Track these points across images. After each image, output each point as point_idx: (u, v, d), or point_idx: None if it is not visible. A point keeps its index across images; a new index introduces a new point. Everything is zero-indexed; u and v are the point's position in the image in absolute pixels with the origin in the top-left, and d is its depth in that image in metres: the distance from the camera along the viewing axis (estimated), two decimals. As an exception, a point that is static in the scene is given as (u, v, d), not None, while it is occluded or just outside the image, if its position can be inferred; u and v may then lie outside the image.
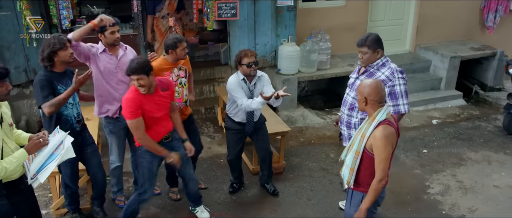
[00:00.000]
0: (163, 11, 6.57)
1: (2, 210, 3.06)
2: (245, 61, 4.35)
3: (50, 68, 3.81)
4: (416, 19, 8.46)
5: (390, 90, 3.85)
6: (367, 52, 3.85)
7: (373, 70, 3.92)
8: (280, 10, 7.05)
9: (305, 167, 5.69)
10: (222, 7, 6.29)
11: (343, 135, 4.24)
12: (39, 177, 3.15)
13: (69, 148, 3.22)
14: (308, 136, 6.54)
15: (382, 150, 3.04)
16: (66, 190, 4.31)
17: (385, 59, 3.92)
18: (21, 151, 3.08)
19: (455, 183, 5.32)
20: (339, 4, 7.84)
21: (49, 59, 3.75)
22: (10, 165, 2.97)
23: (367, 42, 3.83)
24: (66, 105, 3.91)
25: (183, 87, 4.54)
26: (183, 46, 4.31)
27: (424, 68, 8.28)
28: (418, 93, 7.85)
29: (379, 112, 3.10)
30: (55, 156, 3.18)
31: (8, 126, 3.16)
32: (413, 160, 5.87)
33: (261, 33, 7.07)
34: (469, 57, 8.07)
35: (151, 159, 4.03)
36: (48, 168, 3.15)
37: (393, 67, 3.90)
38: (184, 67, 4.54)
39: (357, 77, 4.06)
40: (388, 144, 3.04)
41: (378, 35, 3.92)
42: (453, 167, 5.69)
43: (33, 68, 6.34)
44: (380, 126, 3.07)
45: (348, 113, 4.08)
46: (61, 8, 5.79)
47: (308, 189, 5.21)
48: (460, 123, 7.10)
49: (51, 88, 3.78)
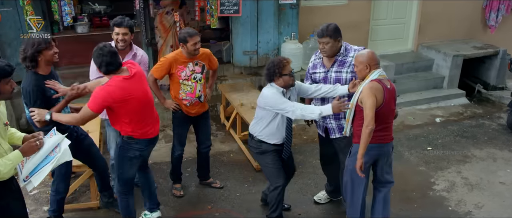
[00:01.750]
0: (168, 7, 6.52)
1: None
2: (286, 71, 3.81)
3: (33, 70, 3.57)
4: (419, 18, 8.43)
5: None
6: (329, 42, 3.93)
7: (342, 58, 4.04)
8: (283, 8, 7.01)
9: (309, 164, 5.65)
10: (224, 3, 6.24)
11: (331, 128, 4.24)
12: (33, 180, 2.99)
13: (66, 150, 3.07)
14: (311, 134, 6.48)
15: (366, 100, 3.54)
16: (55, 195, 4.13)
17: (345, 44, 4.05)
18: (16, 152, 2.95)
19: (460, 180, 5.28)
20: (342, 2, 7.81)
21: (32, 59, 3.51)
22: (4, 168, 2.84)
23: (328, 32, 3.91)
24: None
25: (196, 83, 4.49)
26: (194, 41, 4.26)
27: (427, 67, 8.25)
28: (420, 92, 7.82)
29: (372, 73, 3.62)
30: (50, 159, 3.03)
31: (3, 126, 3.04)
32: (417, 157, 5.82)
33: (263, 31, 7.03)
34: (471, 56, 8.04)
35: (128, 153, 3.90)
36: (42, 171, 2.99)
37: (357, 48, 4.07)
38: (202, 63, 4.50)
39: (328, 71, 4.08)
40: (371, 94, 3.52)
41: (336, 24, 3.99)
42: (458, 164, 5.65)
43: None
44: (371, 82, 3.58)
45: None
46: (63, 4, 5.73)
47: (313, 186, 5.16)
48: (463, 121, 7.07)
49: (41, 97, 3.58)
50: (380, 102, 3.58)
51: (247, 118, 5.37)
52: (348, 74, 4.02)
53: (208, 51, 4.61)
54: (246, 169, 5.48)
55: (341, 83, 4.04)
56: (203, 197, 4.95)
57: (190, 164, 5.46)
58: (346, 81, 4.03)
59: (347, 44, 4.08)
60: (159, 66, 4.44)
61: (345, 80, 4.03)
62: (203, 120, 4.79)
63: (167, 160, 5.57)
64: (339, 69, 4.04)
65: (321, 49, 4.01)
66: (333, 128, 4.23)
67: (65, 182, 4.13)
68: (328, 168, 4.67)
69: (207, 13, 6.71)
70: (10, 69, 2.90)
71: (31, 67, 3.57)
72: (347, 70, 4.02)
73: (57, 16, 5.86)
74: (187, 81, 4.46)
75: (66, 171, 4.08)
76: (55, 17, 5.90)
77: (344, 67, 4.03)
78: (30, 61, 3.53)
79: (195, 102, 4.55)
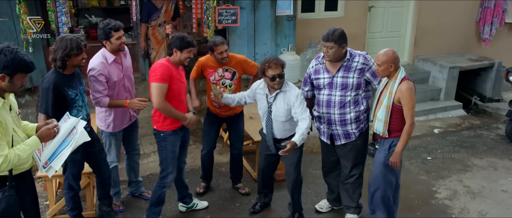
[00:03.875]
0: (160, 19, 6.50)
1: (10, 201, 2.92)
2: (269, 74, 3.89)
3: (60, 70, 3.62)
4: (414, 31, 8.50)
5: (371, 72, 3.99)
6: (333, 47, 3.87)
7: (347, 64, 3.98)
8: (280, 20, 7.02)
9: (309, 174, 5.56)
10: (222, 13, 6.23)
11: (336, 135, 4.17)
12: (53, 165, 3.04)
13: (82, 132, 3.09)
14: (309, 145, 6.41)
15: (409, 100, 3.70)
16: (68, 192, 4.07)
17: (349, 50, 4.00)
18: (34, 138, 2.96)
19: (462, 188, 5.22)
20: (338, 15, 7.87)
21: (62, 63, 3.56)
22: (23, 153, 2.85)
23: (334, 37, 3.85)
24: (76, 107, 3.77)
25: (225, 88, 4.55)
26: (220, 49, 4.33)
27: (423, 79, 8.27)
28: (418, 104, 7.77)
29: (399, 72, 3.75)
30: (68, 142, 3.05)
31: (16, 115, 3.06)
32: (417, 167, 5.77)
33: (261, 43, 7.03)
34: (467, 67, 8.08)
35: (174, 140, 4.07)
36: (62, 155, 3.03)
37: (361, 53, 4.03)
38: (232, 69, 4.52)
39: (334, 76, 4.01)
40: (413, 94, 3.71)
41: (343, 30, 3.94)
42: (459, 173, 5.60)
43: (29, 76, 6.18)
44: (404, 81, 3.72)
45: (340, 111, 4.04)
46: (60, 14, 5.69)
47: (313, 195, 5.07)
48: (462, 131, 7.05)
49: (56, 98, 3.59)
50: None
51: (246, 128, 5.30)
52: (355, 79, 3.94)
53: (241, 58, 4.62)
54: (245, 179, 5.38)
55: (348, 88, 3.96)
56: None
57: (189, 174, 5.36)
58: (352, 86, 3.95)
59: (351, 50, 4.04)
60: (194, 68, 4.66)
61: (351, 85, 3.95)
62: (235, 122, 4.81)
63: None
64: (345, 74, 3.97)
65: (324, 53, 3.96)
66: (339, 135, 4.16)
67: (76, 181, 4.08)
68: (330, 176, 4.59)
69: (204, 25, 6.69)
70: (31, 67, 2.88)
71: (57, 68, 3.61)
72: (353, 75, 3.95)
73: (53, 26, 5.80)
74: (215, 86, 4.55)
75: (78, 170, 4.03)
76: (52, 27, 5.84)
77: (350, 73, 3.96)
78: (58, 62, 3.57)
79: (222, 106, 4.58)
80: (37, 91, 6.45)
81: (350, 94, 3.98)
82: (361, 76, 3.95)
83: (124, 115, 4.35)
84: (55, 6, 5.77)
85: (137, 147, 4.79)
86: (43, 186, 4.97)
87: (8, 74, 2.78)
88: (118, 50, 4.19)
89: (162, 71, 3.81)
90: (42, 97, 3.64)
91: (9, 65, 2.75)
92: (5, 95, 2.92)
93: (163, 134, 4.04)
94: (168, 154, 4.09)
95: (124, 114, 4.34)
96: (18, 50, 2.81)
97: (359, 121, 4.08)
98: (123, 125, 4.38)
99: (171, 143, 4.07)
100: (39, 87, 6.40)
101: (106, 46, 4.11)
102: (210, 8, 6.43)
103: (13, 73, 2.79)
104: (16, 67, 2.78)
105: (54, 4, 5.74)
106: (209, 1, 6.43)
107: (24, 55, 2.83)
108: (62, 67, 3.59)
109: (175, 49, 3.90)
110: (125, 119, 4.38)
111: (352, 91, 3.98)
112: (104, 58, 4.08)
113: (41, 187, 5.00)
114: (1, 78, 2.77)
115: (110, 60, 4.11)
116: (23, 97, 6.33)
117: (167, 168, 4.13)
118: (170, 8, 6.54)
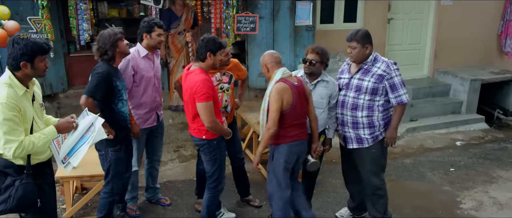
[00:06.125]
0: (180, 27, 6.52)
1: (27, 189, 2.93)
2: (305, 57, 3.99)
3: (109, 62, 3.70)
4: (434, 44, 8.39)
5: (390, 83, 3.88)
6: (357, 47, 3.82)
7: (367, 67, 3.91)
8: (299, 30, 7.00)
9: (328, 183, 5.45)
10: (241, 20, 6.23)
11: (349, 137, 4.09)
12: (72, 161, 3.05)
13: (100, 129, 3.07)
14: (329, 155, 6.27)
15: (273, 102, 3.60)
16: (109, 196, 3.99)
17: (375, 54, 3.92)
18: (51, 127, 2.99)
19: (488, 199, 5.04)
20: (357, 26, 7.80)
21: (112, 55, 3.66)
22: (38, 141, 2.88)
23: (357, 37, 3.81)
24: (121, 100, 3.79)
25: (223, 93, 4.38)
26: (225, 52, 4.22)
27: (444, 92, 8.12)
28: (438, 116, 7.65)
29: (275, 73, 3.68)
30: (86, 139, 3.05)
31: (39, 106, 3.10)
32: (440, 178, 5.61)
33: (279, 53, 6.86)
34: (489, 80, 7.92)
35: (223, 147, 4.05)
36: (80, 151, 3.03)
37: (387, 61, 3.92)
38: (229, 73, 4.42)
39: (351, 77, 3.97)
40: (278, 97, 3.58)
41: (367, 30, 3.90)
42: (484, 184, 5.42)
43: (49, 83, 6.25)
44: (277, 83, 3.61)
45: (351, 113, 4.00)
46: (82, 21, 5.76)
47: (334, 203, 4.95)
48: (485, 144, 6.87)
49: (107, 85, 3.65)
50: (290, 101, 3.63)
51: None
52: (370, 83, 3.87)
53: (236, 61, 4.56)
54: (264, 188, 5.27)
55: (361, 91, 3.90)
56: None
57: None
58: (366, 89, 3.88)
59: (378, 55, 3.96)
60: None
61: (365, 89, 3.88)
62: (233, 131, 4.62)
63: (181, 179, 5.44)
64: (362, 77, 3.92)
65: (348, 54, 3.92)
66: (351, 138, 4.08)
67: (121, 181, 4.04)
68: (352, 184, 4.46)
69: (223, 34, 6.70)
70: (47, 47, 2.94)
71: (108, 60, 3.68)
72: (370, 79, 3.88)
73: (74, 32, 5.87)
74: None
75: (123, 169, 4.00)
76: (73, 33, 5.91)
77: (367, 76, 3.89)
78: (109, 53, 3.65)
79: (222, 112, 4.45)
80: (57, 98, 6.50)
81: (363, 97, 3.91)
82: (379, 83, 3.85)
83: (148, 113, 4.30)
84: (77, 13, 5.85)
85: (158, 153, 4.74)
86: (60, 190, 4.93)
87: (28, 61, 2.85)
88: (154, 48, 4.24)
89: (207, 88, 3.67)
90: (93, 81, 3.65)
91: (25, 51, 2.83)
92: (29, 85, 2.97)
93: (216, 141, 3.95)
94: (223, 157, 4.07)
95: (147, 113, 4.29)
96: (27, 37, 2.89)
97: (374, 127, 3.97)
98: (146, 124, 4.32)
99: (223, 147, 4.05)
100: (58, 94, 6.49)
101: (144, 40, 4.16)
102: (230, 17, 6.44)
103: (32, 58, 2.87)
104: (32, 52, 2.86)
105: (76, 11, 5.82)
106: (228, 10, 6.45)
107: (35, 39, 2.92)
108: (112, 58, 3.67)
109: (209, 53, 3.78)
110: (148, 118, 4.33)
111: (366, 95, 3.89)
112: (137, 52, 4.13)
113: (58, 192, 4.96)
114: (23, 67, 2.85)
115: (142, 54, 4.14)
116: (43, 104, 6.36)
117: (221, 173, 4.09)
118: (190, 17, 6.56)
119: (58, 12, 6.12)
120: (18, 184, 2.90)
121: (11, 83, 2.85)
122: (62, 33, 6.36)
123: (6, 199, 2.89)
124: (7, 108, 2.75)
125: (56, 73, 6.29)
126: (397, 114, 3.97)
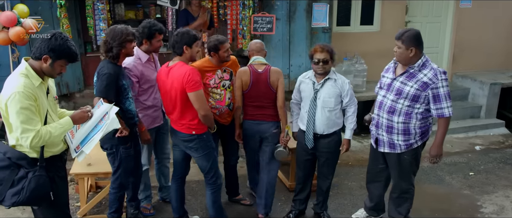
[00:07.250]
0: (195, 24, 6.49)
1: (40, 181, 2.92)
2: (314, 57, 3.92)
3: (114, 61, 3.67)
4: (452, 47, 8.27)
5: (434, 93, 3.64)
6: (401, 48, 3.64)
7: (413, 71, 3.68)
8: (315, 32, 6.95)
9: (344, 186, 5.37)
10: (258, 21, 6.19)
11: (381, 140, 3.97)
12: (84, 149, 3.05)
13: (114, 118, 3.07)
14: (344, 158, 6.21)
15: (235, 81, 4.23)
16: (117, 191, 4.01)
17: (425, 59, 3.70)
18: (67, 118, 3.01)
19: (510, 204, 4.92)
20: (374, 29, 7.74)
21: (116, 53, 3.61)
22: (55, 130, 2.88)
23: (403, 37, 3.63)
24: (128, 98, 3.77)
25: (226, 90, 4.33)
26: (225, 48, 4.16)
27: (462, 96, 7.98)
28: (457, 121, 7.50)
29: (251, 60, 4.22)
30: (100, 127, 3.06)
31: (53, 99, 3.11)
32: (459, 181, 5.49)
33: (296, 55, 6.95)
34: (510, 84, 7.75)
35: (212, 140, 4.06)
36: (93, 139, 3.03)
37: (436, 68, 3.67)
38: (229, 69, 4.36)
39: (394, 79, 3.80)
40: (237, 77, 4.17)
41: (418, 32, 3.69)
42: (505, 189, 5.29)
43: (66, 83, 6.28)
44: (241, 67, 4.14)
45: (387, 116, 3.85)
46: (99, 21, 5.79)
47: (350, 206, 4.87)
48: (505, 149, 6.72)
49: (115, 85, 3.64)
50: (248, 83, 4.11)
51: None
52: (412, 90, 3.66)
53: (234, 57, 4.51)
54: (278, 189, 5.21)
55: (402, 95, 3.72)
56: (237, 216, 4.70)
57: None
58: (407, 95, 3.69)
59: (429, 60, 3.72)
60: None
61: (406, 94, 3.69)
62: (230, 131, 4.54)
63: (195, 179, 5.39)
64: (405, 81, 3.70)
65: (394, 52, 3.75)
66: (384, 141, 3.95)
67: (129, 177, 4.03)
68: (373, 185, 4.35)
69: (239, 35, 6.68)
70: (75, 57, 2.97)
71: (111, 58, 3.66)
72: (413, 85, 3.66)
73: (91, 32, 5.89)
74: (216, 89, 4.31)
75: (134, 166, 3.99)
76: (90, 32, 5.94)
77: (411, 81, 3.67)
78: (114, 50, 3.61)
79: (224, 111, 4.39)
80: (74, 98, 6.53)
81: (402, 102, 3.74)
82: (422, 90, 3.64)
83: (156, 111, 4.28)
84: (94, 13, 5.88)
85: (167, 150, 4.72)
86: (75, 188, 4.94)
87: (51, 57, 2.86)
88: (153, 52, 4.20)
89: (198, 76, 3.70)
90: (103, 82, 3.62)
91: (56, 49, 2.85)
92: (45, 77, 2.98)
93: (205, 135, 3.93)
94: (215, 150, 4.07)
95: (156, 111, 4.27)
96: (68, 39, 2.91)
97: (409, 135, 3.80)
98: (154, 123, 4.30)
99: (212, 140, 4.05)
100: (74, 94, 6.52)
101: (144, 45, 4.07)
102: (246, 18, 6.42)
103: (57, 58, 2.88)
104: (61, 53, 2.88)
105: (93, 11, 5.85)
106: (244, 11, 6.42)
107: (72, 45, 2.94)
108: (116, 57, 3.65)
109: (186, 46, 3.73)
110: (157, 117, 4.31)
111: (406, 101, 3.71)
112: (138, 58, 4.05)
113: (73, 190, 4.97)
114: (44, 60, 2.86)
115: (144, 59, 4.08)
116: (59, 103, 6.39)
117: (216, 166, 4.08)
118: (206, 17, 6.55)
119: (76, 11, 6.17)
120: (31, 176, 2.89)
121: (28, 73, 2.86)
122: (79, 33, 6.40)
123: (19, 190, 2.88)
124: (24, 97, 2.75)
125: (73, 73, 6.32)
126: (441, 129, 3.76)
